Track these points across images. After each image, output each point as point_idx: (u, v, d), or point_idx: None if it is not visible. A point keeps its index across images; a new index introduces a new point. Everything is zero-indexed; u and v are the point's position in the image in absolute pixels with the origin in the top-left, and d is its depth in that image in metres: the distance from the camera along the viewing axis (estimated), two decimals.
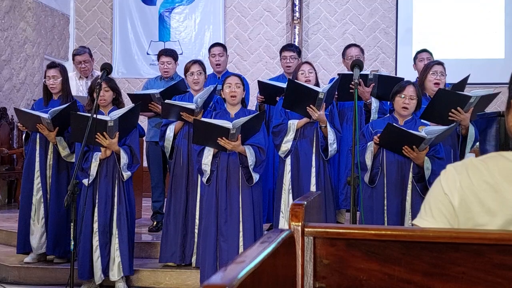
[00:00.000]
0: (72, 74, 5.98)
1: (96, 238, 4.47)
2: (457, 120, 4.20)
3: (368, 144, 4.13)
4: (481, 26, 8.59)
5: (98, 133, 4.29)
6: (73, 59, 5.83)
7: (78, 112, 4.52)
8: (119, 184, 4.50)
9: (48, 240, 4.87)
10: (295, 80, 4.52)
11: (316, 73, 4.77)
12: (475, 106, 4.21)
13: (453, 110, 4.15)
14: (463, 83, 4.87)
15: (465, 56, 8.39)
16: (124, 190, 4.52)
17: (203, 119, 4.35)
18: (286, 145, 4.51)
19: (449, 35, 8.62)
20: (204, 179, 4.43)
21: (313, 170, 4.52)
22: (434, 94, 4.25)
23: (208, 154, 4.36)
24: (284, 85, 4.96)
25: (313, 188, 4.48)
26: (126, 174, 4.48)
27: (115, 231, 4.49)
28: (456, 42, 8.59)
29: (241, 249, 4.32)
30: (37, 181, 4.88)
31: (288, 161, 4.54)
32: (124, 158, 4.45)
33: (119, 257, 4.48)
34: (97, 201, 4.49)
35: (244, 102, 4.62)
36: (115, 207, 4.49)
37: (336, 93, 4.79)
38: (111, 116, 4.35)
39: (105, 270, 4.48)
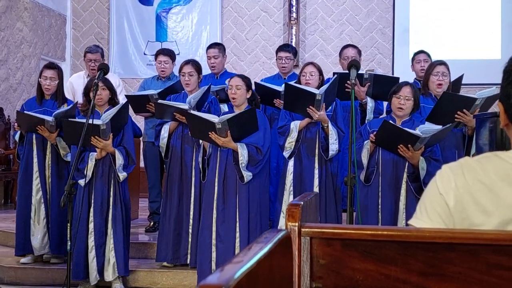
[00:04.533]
0: (81, 73, 5.99)
1: (92, 239, 4.46)
2: (463, 121, 4.21)
3: (365, 142, 4.15)
4: (478, 27, 8.60)
5: (92, 136, 4.29)
6: (84, 56, 5.82)
7: (69, 119, 4.51)
8: (115, 185, 4.50)
9: (51, 240, 4.87)
10: (292, 84, 4.52)
11: (320, 74, 4.67)
12: (481, 106, 4.22)
13: (459, 112, 4.16)
14: (458, 83, 4.87)
15: (461, 57, 8.39)
16: (120, 191, 4.51)
17: (193, 112, 4.37)
18: (289, 146, 4.52)
19: (446, 35, 8.63)
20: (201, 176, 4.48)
21: (316, 171, 4.52)
22: (439, 97, 4.25)
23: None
24: (279, 88, 4.96)
25: (316, 189, 4.48)
26: (122, 175, 4.48)
27: (110, 231, 4.49)
28: (453, 42, 8.60)
29: (237, 250, 4.32)
30: (36, 182, 4.86)
31: (290, 162, 4.55)
32: (119, 159, 4.46)
33: (114, 258, 4.47)
34: (92, 201, 4.48)
35: (255, 101, 4.56)
36: (111, 207, 4.49)
37: None
38: (103, 119, 4.36)
39: (101, 270, 4.48)
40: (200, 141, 4.55)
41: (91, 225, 4.47)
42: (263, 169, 4.45)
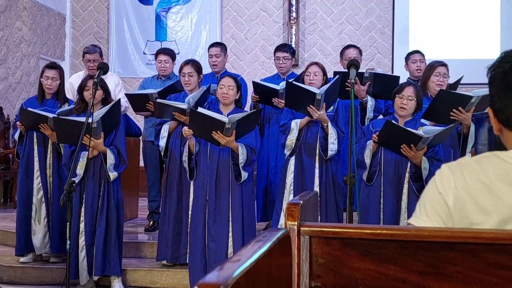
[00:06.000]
0: (81, 73, 5.99)
1: (83, 238, 4.43)
2: (459, 119, 4.21)
3: (368, 142, 4.14)
4: (477, 26, 8.61)
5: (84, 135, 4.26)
6: (83, 56, 5.81)
7: (62, 117, 4.46)
8: (105, 185, 4.47)
9: (52, 239, 4.86)
10: (293, 82, 4.52)
11: (324, 74, 4.67)
12: (477, 105, 4.22)
13: (454, 110, 4.16)
14: (457, 84, 4.88)
15: (461, 57, 8.40)
16: (111, 191, 4.48)
17: (200, 110, 4.32)
18: (290, 144, 4.52)
19: (445, 35, 8.64)
20: (188, 175, 4.51)
21: (317, 171, 4.52)
22: (436, 94, 4.25)
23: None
24: (277, 87, 4.97)
25: (316, 188, 4.48)
26: (113, 175, 4.44)
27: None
28: (452, 42, 8.60)
29: (230, 250, 4.32)
30: (37, 181, 4.84)
31: (291, 161, 4.55)
32: (110, 159, 4.42)
33: (92, 257, 4.44)
34: (84, 200, 4.46)
35: (239, 102, 4.60)
36: (99, 207, 4.46)
37: None
38: (94, 117, 4.30)
39: (90, 270, 4.46)
40: (187, 140, 4.53)
41: (81, 225, 4.44)
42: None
